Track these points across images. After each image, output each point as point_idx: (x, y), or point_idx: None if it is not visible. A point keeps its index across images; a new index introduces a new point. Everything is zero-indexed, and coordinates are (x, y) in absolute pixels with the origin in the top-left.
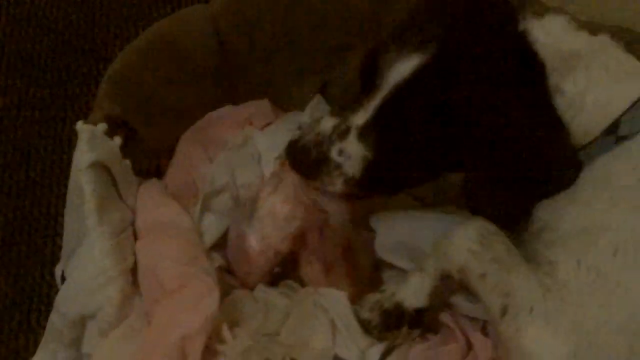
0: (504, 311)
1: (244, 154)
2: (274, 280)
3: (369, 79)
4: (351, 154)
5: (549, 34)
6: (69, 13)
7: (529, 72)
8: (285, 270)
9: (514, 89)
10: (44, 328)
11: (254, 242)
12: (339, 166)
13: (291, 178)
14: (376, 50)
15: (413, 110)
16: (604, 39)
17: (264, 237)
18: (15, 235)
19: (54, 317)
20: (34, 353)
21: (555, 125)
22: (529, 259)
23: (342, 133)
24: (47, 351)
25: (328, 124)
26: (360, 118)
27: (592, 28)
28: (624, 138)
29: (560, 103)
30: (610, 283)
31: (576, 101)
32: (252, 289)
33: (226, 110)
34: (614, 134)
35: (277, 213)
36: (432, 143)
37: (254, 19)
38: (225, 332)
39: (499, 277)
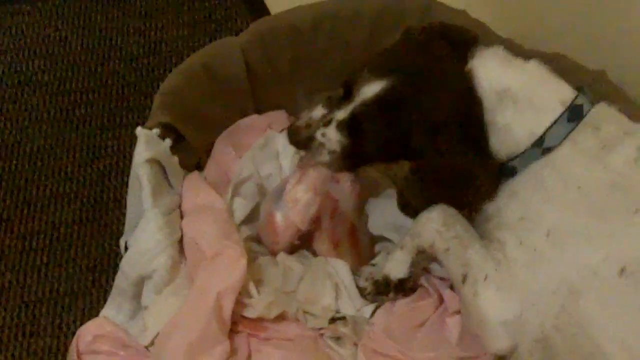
0: (464, 279)
1: (266, 152)
2: (292, 250)
3: (349, 90)
4: (331, 138)
5: (487, 73)
6: (131, 43)
7: (467, 106)
8: (302, 243)
9: (451, 124)
10: (111, 286)
11: (280, 220)
12: (322, 144)
13: (312, 173)
14: (357, 72)
15: (373, 118)
16: (532, 67)
17: (288, 217)
18: (89, 215)
19: (119, 278)
20: (104, 305)
21: (481, 152)
22: (482, 236)
23: (326, 122)
24: (114, 304)
25: (318, 113)
26: (339, 115)
27: (527, 54)
28: (548, 149)
29: (493, 132)
30: (544, 258)
31: (505, 130)
32: (275, 255)
33: (252, 118)
34: (540, 146)
35: (299, 200)
36: (385, 143)
37: (275, 50)
38: (252, 289)
39: (459, 251)
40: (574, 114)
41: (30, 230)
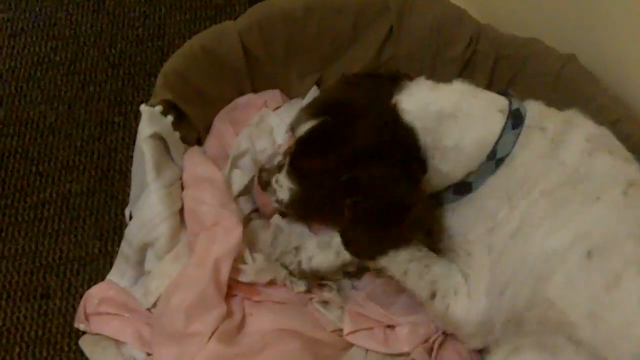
0: (433, 295)
1: (261, 128)
2: (283, 214)
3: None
4: (283, 184)
5: (415, 101)
6: (137, 26)
7: (392, 135)
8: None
9: (380, 156)
10: (117, 253)
11: (263, 208)
12: (274, 191)
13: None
14: (300, 112)
15: (307, 155)
16: (458, 86)
17: (264, 205)
18: (96, 187)
19: (123, 245)
20: (110, 270)
21: (412, 179)
22: (446, 251)
23: (281, 167)
24: (119, 269)
25: (277, 159)
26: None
27: (504, 38)
28: (501, 160)
29: (441, 155)
30: (510, 255)
31: (456, 149)
32: (269, 218)
33: (248, 97)
34: (493, 159)
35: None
36: (324, 186)
37: (270, 34)
38: (247, 256)
39: (420, 270)
40: (516, 120)
41: (42, 200)
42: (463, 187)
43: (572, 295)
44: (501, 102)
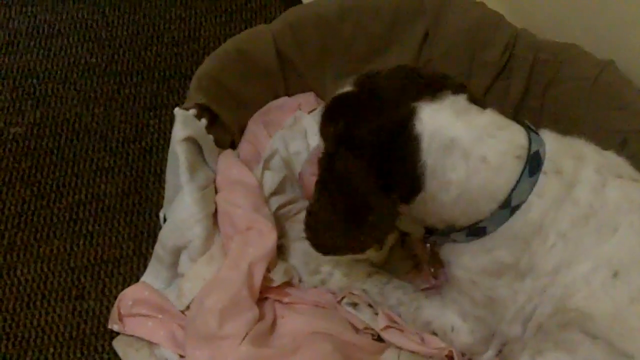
0: (433, 333)
1: (295, 130)
2: None
3: None
4: None
5: (435, 116)
6: (172, 29)
7: (394, 136)
8: None
9: (368, 144)
10: (151, 255)
11: (308, 177)
12: None
13: None
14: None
15: (323, 121)
16: (485, 119)
17: (313, 174)
18: (131, 189)
19: (157, 247)
20: (144, 272)
21: (388, 186)
22: (450, 284)
23: None
24: (153, 271)
25: None
26: None
27: (540, 44)
28: (516, 207)
29: (441, 185)
30: (493, 290)
31: (455, 189)
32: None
33: (282, 100)
34: (508, 207)
35: None
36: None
37: (304, 37)
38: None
39: (411, 314)
40: (533, 165)
41: (78, 201)
42: (477, 230)
43: (595, 303)
44: (521, 143)
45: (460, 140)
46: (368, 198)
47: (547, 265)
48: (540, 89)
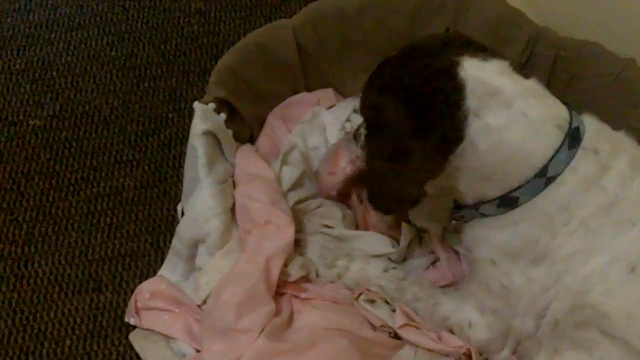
0: (450, 330)
1: (314, 125)
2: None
3: None
4: (362, 131)
5: (478, 67)
6: (192, 23)
7: (437, 80)
8: (340, 196)
9: (409, 96)
10: (169, 248)
11: (325, 176)
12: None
13: (353, 147)
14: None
15: (366, 91)
16: (530, 83)
17: (330, 173)
18: (149, 182)
19: (175, 241)
20: (161, 265)
21: (429, 130)
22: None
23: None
24: (170, 264)
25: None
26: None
27: (561, 42)
28: (551, 179)
29: (481, 129)
30: (509, 276)
31: (495, 135)
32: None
33: (301, 95)
34: (544, 176)
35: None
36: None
37: (324, 32)
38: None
39: (428, 309)
40: (573, 140)
41: (96, 193)
42: (508, 201)
43: (612, 300)
44: (563, 116)
45: (504, 90)
46: (411, 141)
47: (563, 250)
48: (561, 87)
